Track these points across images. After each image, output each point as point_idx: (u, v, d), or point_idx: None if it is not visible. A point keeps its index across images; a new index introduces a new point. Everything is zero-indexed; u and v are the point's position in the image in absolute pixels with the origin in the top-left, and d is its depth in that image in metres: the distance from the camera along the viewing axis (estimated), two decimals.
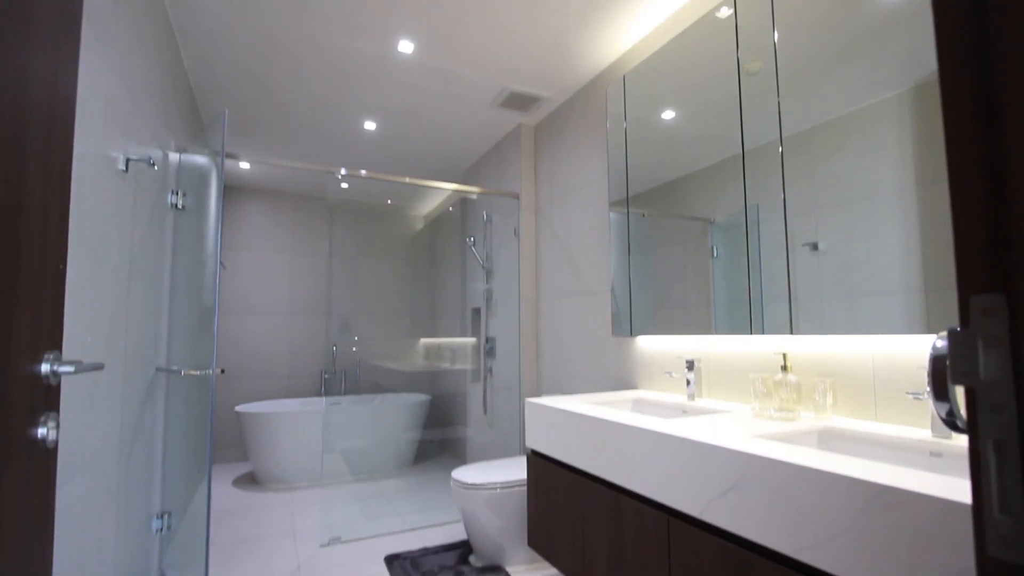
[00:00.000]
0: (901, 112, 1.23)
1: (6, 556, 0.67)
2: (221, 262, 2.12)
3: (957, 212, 0.42)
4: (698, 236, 1.83)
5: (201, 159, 2.38)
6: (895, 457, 1.17)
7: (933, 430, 1.14)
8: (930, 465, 1.11)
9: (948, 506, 0.75)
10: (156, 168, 1.87)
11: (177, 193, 2.19)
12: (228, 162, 3.58)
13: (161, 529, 2.16)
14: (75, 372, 0.77)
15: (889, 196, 1.25)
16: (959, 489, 0.78)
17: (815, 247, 1.42)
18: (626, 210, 2.21)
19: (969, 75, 0.40)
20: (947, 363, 0.53)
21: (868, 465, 0.93)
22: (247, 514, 2.98)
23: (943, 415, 0.53)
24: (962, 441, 1.10)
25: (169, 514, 2.20)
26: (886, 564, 0.82)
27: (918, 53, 1.20)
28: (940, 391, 0.53)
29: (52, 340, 0.79)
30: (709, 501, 1.15)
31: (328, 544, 2.53)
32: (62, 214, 0.83)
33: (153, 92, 1.84)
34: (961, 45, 0.41)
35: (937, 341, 0.53)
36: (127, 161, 1.50)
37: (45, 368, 0.76)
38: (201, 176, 2.40)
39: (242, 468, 3.96)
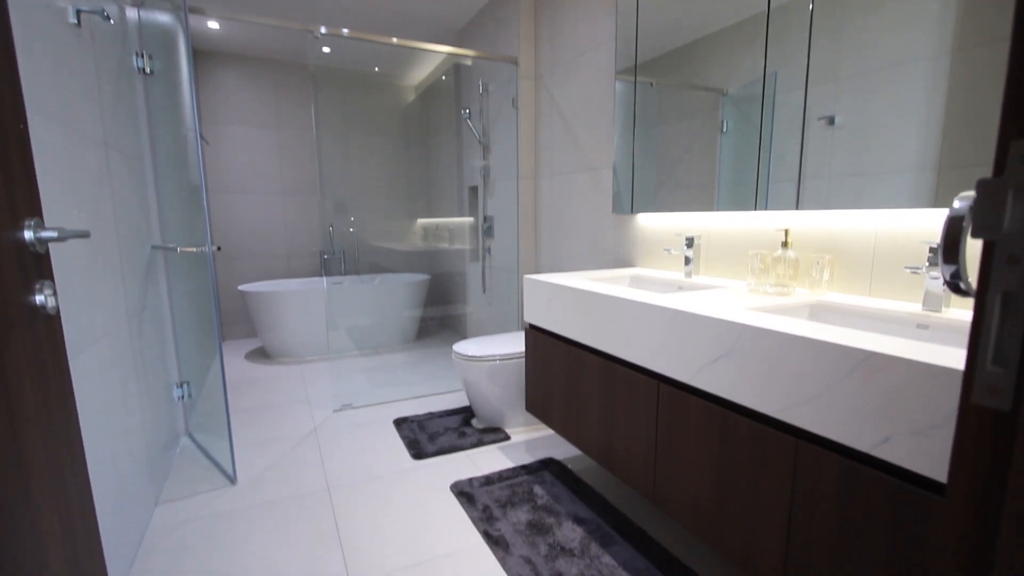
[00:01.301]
0: None
1: (26, 406, 0.71)
2: (203, 136, 2.00)
3: (1016, 49, 0.38)
4: (708, 109, 1.71)
5: (164, 17, 2.13)
6: (882, 328, 1.21)
7: (924, 304, 1.17)
8: (915, 335, 1.15)
9: (925, 368, 0.78)
10: (113, 23, 1.68)
11: (142, 56, 1.99)
12: (195, 20, 3.24)
13: (182, 397, 2.32)
14: (59, 238, 0.75)
15: (920, 63, 1.14)
16: (939, 354, 0.81)
17: (831, 121, 1.33)
18: (633, 79, 2.04)
19: None
20: (963, 224, 0.51)
21: (854, 333, 0.96)
22: (261, 384, 3.19)
23: (947, 277, 0.53)
24: (950, 314, 1.13)
25: (188, 383, 2.34)
26: (858, 420, 0.87)
27: None
28: (950, 253, 0.51)
29: (30, 207, 0.76)
30: (699, 368, 1.20)
31: (340, 409, 2.73)
32: (9, 68, 0.75)
33: None
34: None
35: (956, 202, 0.50)
36: (78, 12, 1.34)
37: (28, 235, 0.74)
38: (167, 36, 2.17)
39: (252, 344, 4.16)
